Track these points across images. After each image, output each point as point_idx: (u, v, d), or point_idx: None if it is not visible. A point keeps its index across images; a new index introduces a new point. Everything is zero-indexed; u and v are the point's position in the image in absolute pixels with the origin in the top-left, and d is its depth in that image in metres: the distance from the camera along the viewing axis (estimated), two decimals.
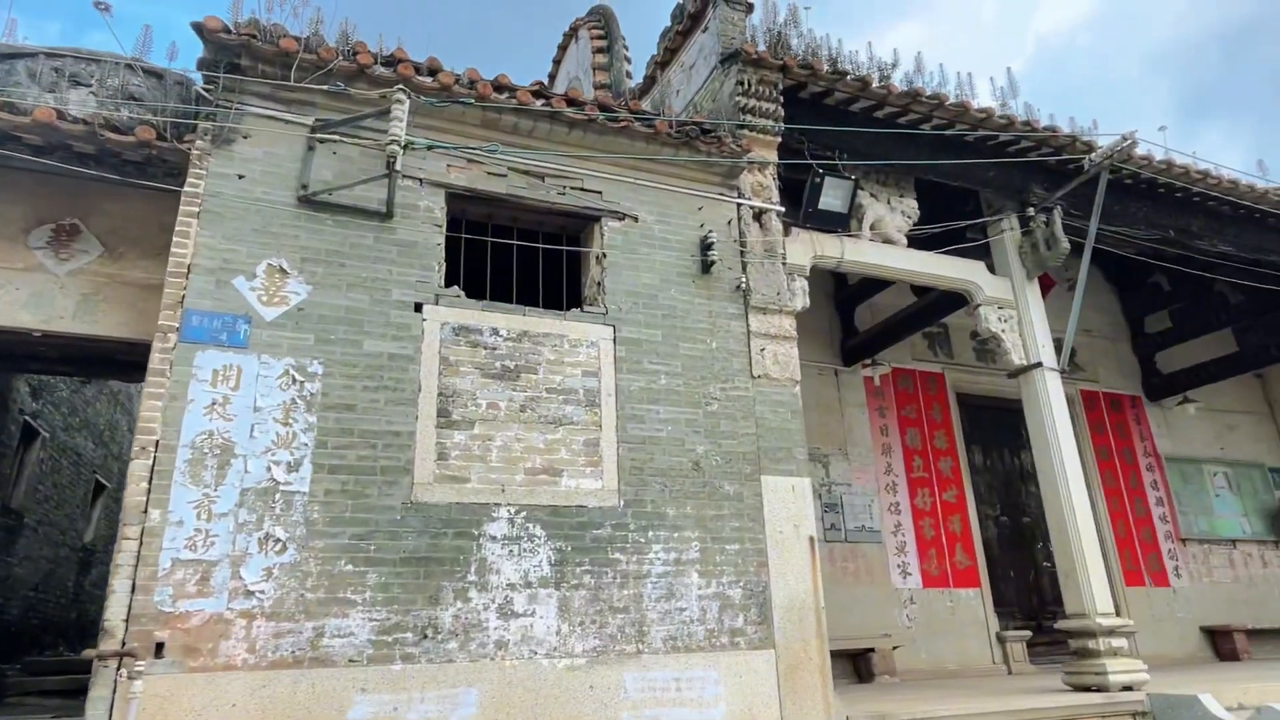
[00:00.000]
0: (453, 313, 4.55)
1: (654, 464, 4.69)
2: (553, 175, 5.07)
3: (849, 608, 8.09)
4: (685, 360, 5.01)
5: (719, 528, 4.71)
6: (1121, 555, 9.79)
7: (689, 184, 5.44)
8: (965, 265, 6.71)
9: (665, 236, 5.27)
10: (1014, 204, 7.03)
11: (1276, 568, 10.80)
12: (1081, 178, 6.65)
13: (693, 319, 5.13)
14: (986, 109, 6.45)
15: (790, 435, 5.11)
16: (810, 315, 9.21)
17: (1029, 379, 6.59)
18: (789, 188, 6.28)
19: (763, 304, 5.35)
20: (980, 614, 8.74)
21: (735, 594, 4.61)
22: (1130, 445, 10.54)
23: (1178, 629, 9.74)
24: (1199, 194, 7.56)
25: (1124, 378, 10.96)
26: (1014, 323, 6.68)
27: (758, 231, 5.60)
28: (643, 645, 4.31)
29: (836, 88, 6.07)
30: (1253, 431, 11.58)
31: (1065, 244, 6.58)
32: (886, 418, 9.12)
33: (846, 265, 6.25)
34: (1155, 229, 7.71)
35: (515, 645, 4.07)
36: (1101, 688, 5.61)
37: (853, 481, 8.65)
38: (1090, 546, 6.08)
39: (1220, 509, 10.76)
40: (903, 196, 6.69)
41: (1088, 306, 11.26)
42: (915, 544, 8.66)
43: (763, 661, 4.52)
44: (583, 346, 4.78)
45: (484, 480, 4.30)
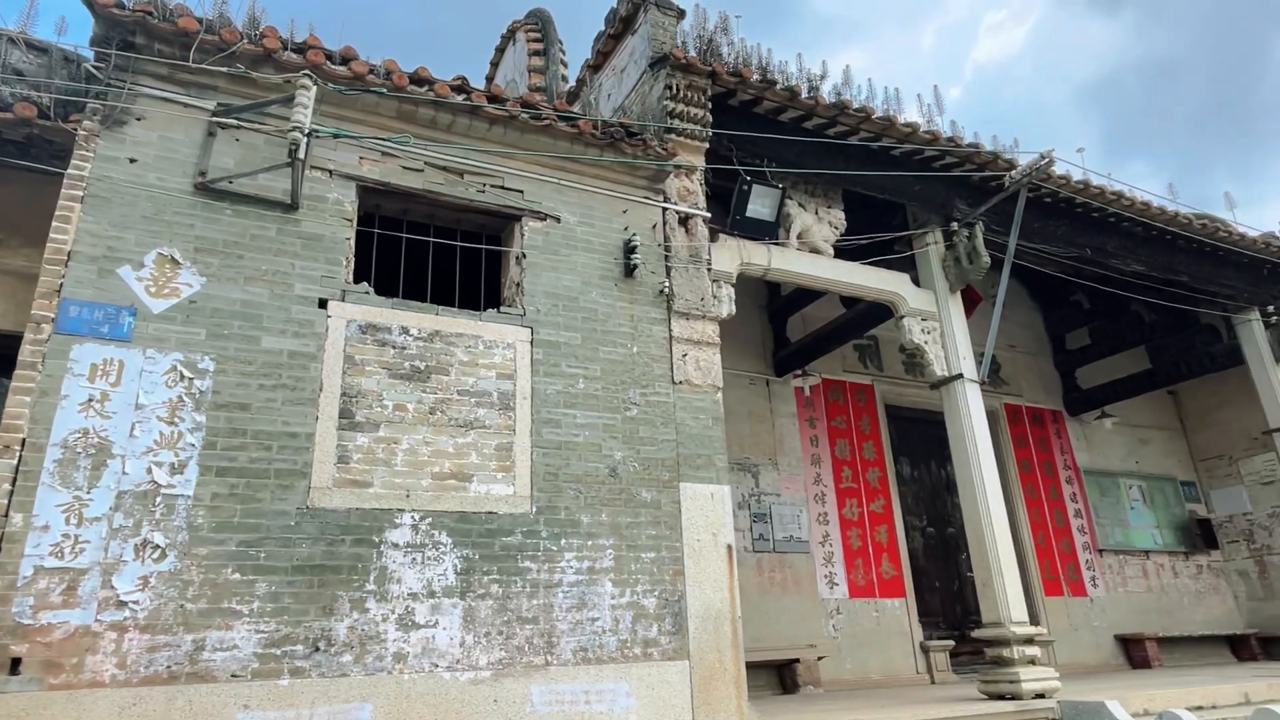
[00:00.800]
0: (360, 310, 4.37)
1: (569, 470, 4.57)
2: (473, 172, 4.94)
3: (776, 618, 8.08)
4: (605, 364, 4.91)
5: (635, 536, 4.60)
6: (1041, 565, 10.02)
7: (614, 186, 5.37)
8: (891, 277, 6.78)
9: (588, 238, 5.17)
10: (939, 218, 7.16)
11: (1186, 578, 11.20)
12: (1002, 194, 6.80)
13: (614, 323, 5.04)
14: (912, 124, 6.55)
15: (711, 442, 5.05)
16: (742, 325, 9.26)
17: (950, 390, 6.68)
18: (718, 194, 6.26)
19: (686, 309, 5.30)
20: (905, 624, 8.81)
21: (650, 603, 4.50)
22: (1051, 458, 10.83)
23: (1093, 637, 10.00)
24: (1114, 215, 7.82)
25: (1046, 392, 11.27)
26: (937, 335, 6.78)
27: (683, 236, 5.55)
28: (551, 657, 4.17)
29: (765, 96, 6.08)
30: (1165, 446, 12.02)
31: (986, 258, 6.71)
32: (817, 428, 9.17)
33: (773, 273, 6.25)
34: (1073, 247, 7.94)
35: (415, 658, 3.89)
36: (1015, 696, 5.67)
37: (782, 491, 8.65)
38: (1007, 557, 6.17)
39: (1135, 521, 11.12)
40: (830, 207, 6.73)
41: (1013, 323, 11.59)
42: (843, 554, 8.70)
43: (676, 673, 4.42)
44: (498, 348, 4.63)
45: (388, 485, 4.11)
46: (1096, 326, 11.14)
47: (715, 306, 5.77)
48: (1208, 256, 8.73)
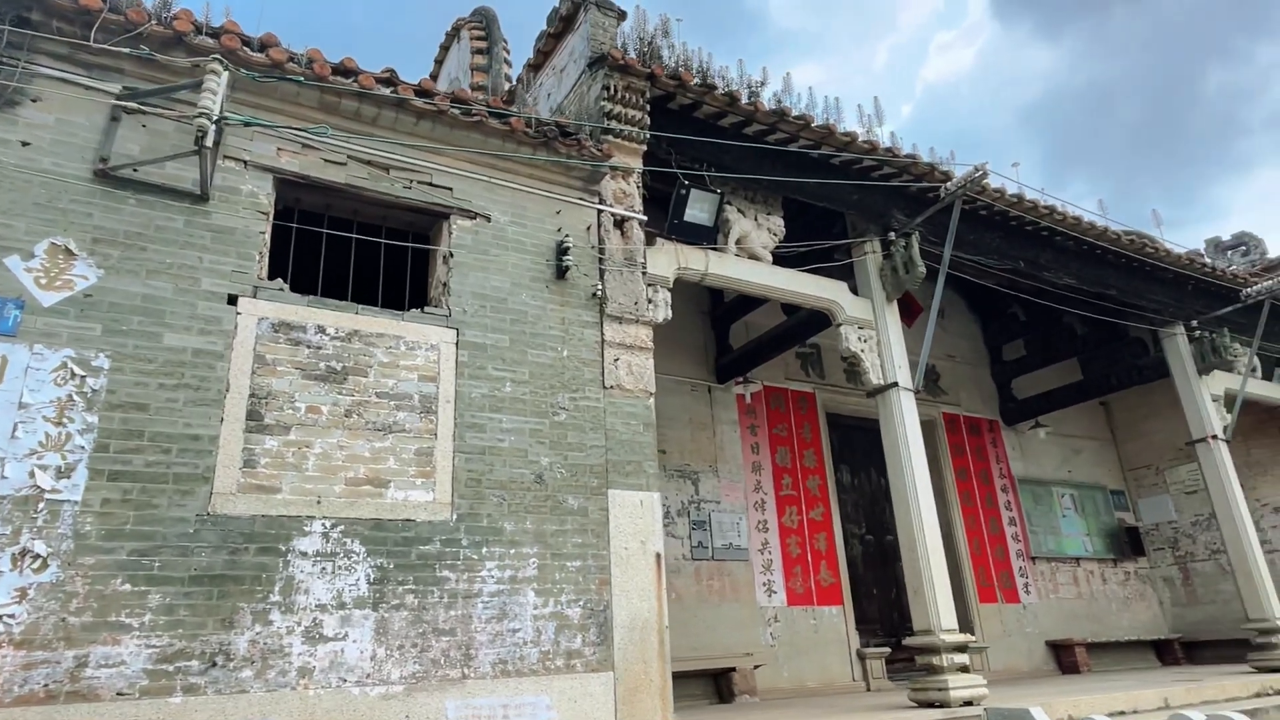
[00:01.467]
0: (273, 307, 4.17)
1: (493, 475, 4.43)
2: (399, 167, 4.78)
3: (713, 626, 8.02)
4: (533, 367, 4.79)
5: (560, 544, 4.48)
6: (976, 573, 10.17)
7: (547, 186, 5.26)
8: (829, 285, 6.80)
9: (519, 239, 5.05)
10: (877, 228, 7.21)
11: (1114, 585, 11.50)
12: (938, 205, 6.87)
13: (544, 325, 4.92)
14: (851, 133, 6.59)
15: (642, 448, 4.96)
16: (685, 332, 9.22)
17: (885, 398, 6.72)
18: (656, 198, 6.20)
19: (619, 313, 5.21)
20: (842, 632, 8.84)
21: (574, 613, 4.38)
22: (987, 467, 11.02)
23: (1026, 643, 10.18)
24: (1046, 228, 7.98)
25: (983, 402, 11.47)
26: (873, 343, 6.81)
27: (618, 239, 5.46)
28: (469, 670, 4.02)
29: (705, 101, 6.04)
30: (1096, 456, 12.35)
31: (922, 268, 6.78)
32: (758, 435, 9.16)
33: (711, 279, 6.20)
34: (1007, 259, 8.08)
35: (322, 672, 3.70)
36: (943, 703, 5.69)
37: (722, 499, 8.61)
38: (938, 564, 6.21)
39: (1067, 529, 11.38)
40: (770, 214, 6.73)
41: (953, 334, 11.79)
42: (781, 562, 8.70)
43: (600, 684, 4.30)
44: (421, 349, 4.48)
45: (297, 491, 3.92)
46: (1032, 338, 11.40)
47: (650, 311, 5.70)
48: (1136, 272, 8.98)
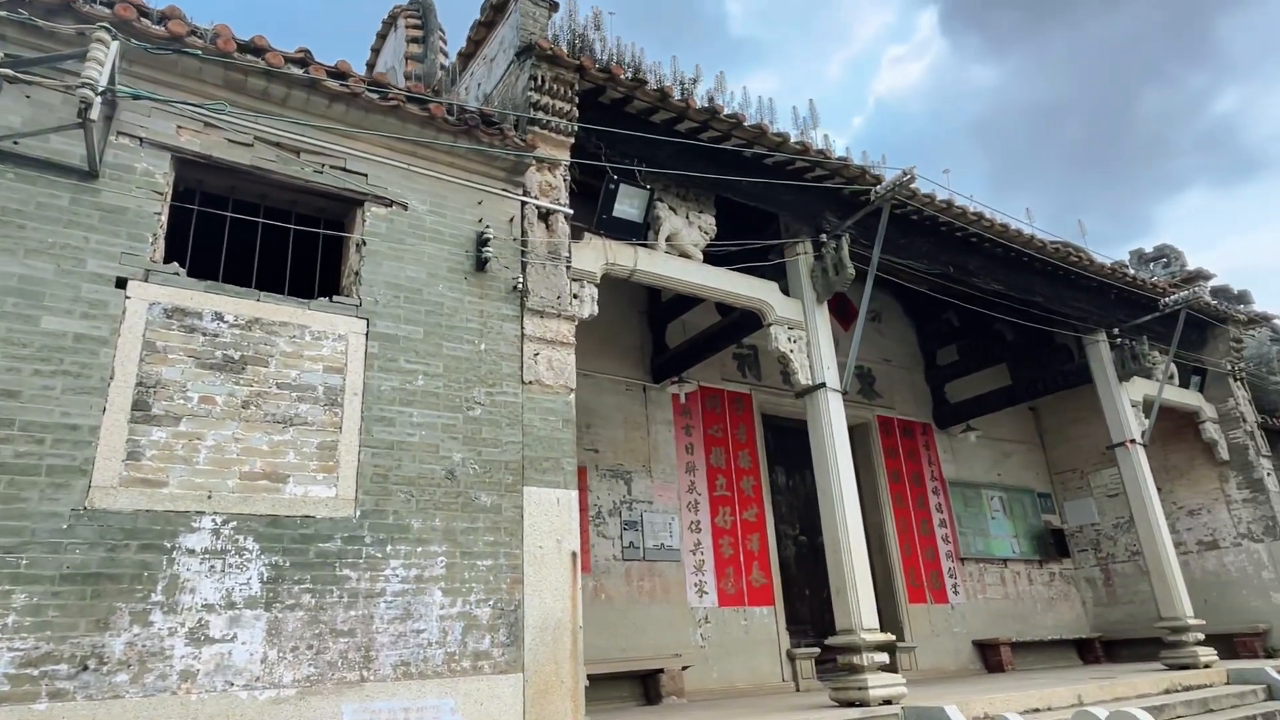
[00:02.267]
0: (166, 292, 3.96)
1: (401, 471, 4.28)
2: (311, 151, 4.60)
3: (643, 627, 7.96)
4: (449, 361, 4.66)
5: (471, 542, 4.36)
6: (907, 573, 10.31)
7: (469, 176, 5.13)
8: (759, 285, 6.80)
9: (438, 228, 4.91)
10: (809, 229, 7.24)
11: (1040, 585, 11.78)
12: (868, 208, 6.93)
13: (461, 318, 4.79)
14: (783, 134, 6.60)
15: (560, 445, 4.87)
16: (622, 330, 9.15)
17: (813, 399, 6.74)
18: (586, 193, 6.12)
19: (540, 307, 5.10)
20: (773, 632, 8.86)
21: (483, 613, 4.26)
22: (920, 469, 11.19)
23: (953, 643, 10.35)
24: (975, 235, 8.13)
25: (917, 405, 11.66)
26: (803, 344, 6.83)
27: (543, 232, 5.36)
28: (368, 672, 3.87)
29: (636, 96, 5.99)
30: (1025, 459, 12.65)
31: (851, 270, 6.82)
32: (693, 436, 9.14)
33: (639, 275, 6.14)
34: (937, 264, 8.21)
35: (207, 676, 3.51)
36: (863, 702, 5.72)
37: (655, 499, 8.56)
38: (861, 565, 6.24)
39: (995, 530, 11.63)
40: (702, 212, 6.70)
41: (889, 338, 11.96)
42: (714, 563, 8.68)
43: (508, 686, 4.19)
44: (328, 340, 4.31)
45: (186, 485, 3.72)
46: (964, 344, 11.63)
47: (576, 306, 5.61)
48: (1061, 280, 9.22)
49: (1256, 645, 9.93)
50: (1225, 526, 10.73)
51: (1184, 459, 11.23)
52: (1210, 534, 10.87)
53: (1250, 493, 10.53)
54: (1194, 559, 10.99)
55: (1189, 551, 11.06)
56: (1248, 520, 10.51)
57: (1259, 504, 10.43)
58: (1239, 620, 10.31)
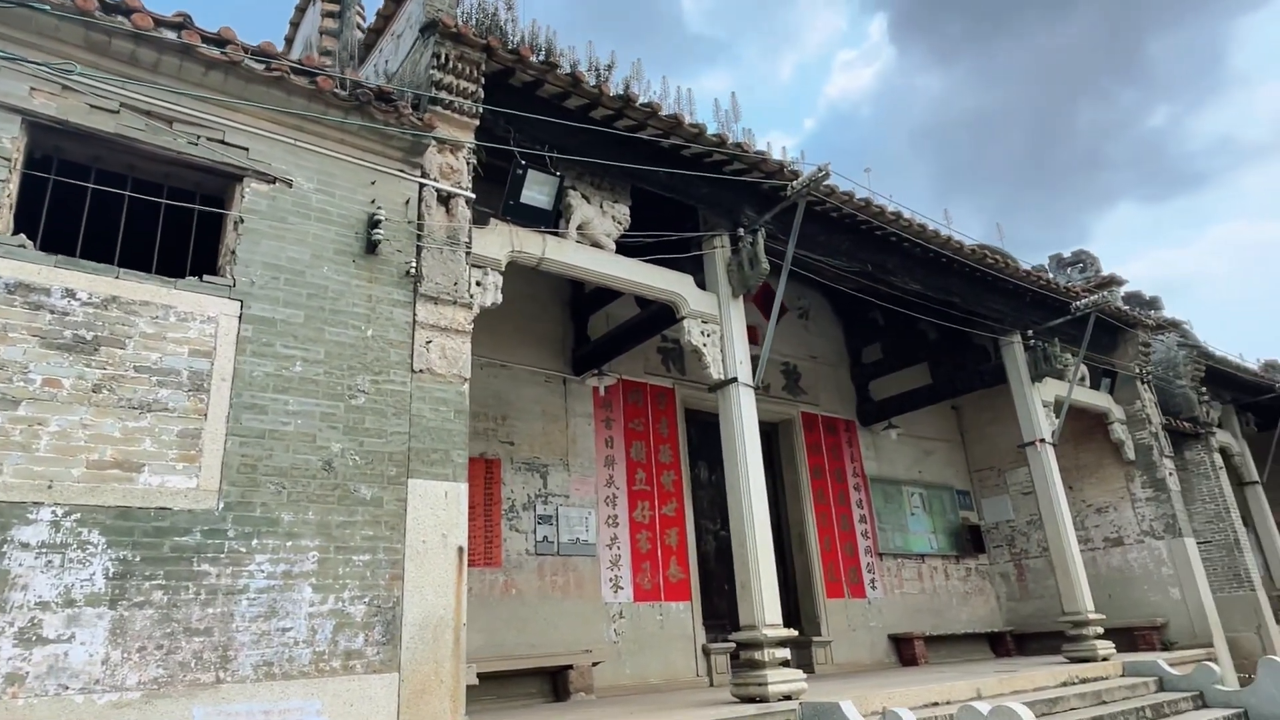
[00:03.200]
0: (10, 265, 3.67)
1: (272, 461, 4.07)
2: (185, 120, 4.33)
3: (555, 623, 7.84)
4: (331, 347, 4.45)
5: (348, 536, 4.17)
6: (825, 569, 10.40)
7: (363, 154, 4.91)
8: (674, 277, 6.72)
9: (325, 208, 4.68)
10: (727, 223, 7.19)
11: (956, 580, 12.04)
12: (784, 203, 6.91)
13: (347, 302, 4.58)
14: (699, 125, 6.52)
15: (451, 436, 4.70)
16: (542, 321, 8.99)
17: (725, 393, 6.70)
18: (494, 177, 5.94)
19: (435, 293, 4.92)
20: (689, 627, 8.83)
21: (358, 611, 4.08)
22: (842, 466, 11.30)
23: (869, 637, 10.49)
24: (894, 234, 8.19)
25: (842, 402, 11.77)
26: (716, 338, 6.78)
27: (443, 216, 5.17)
28: (226, 673, 3.66)
29: (547, 80, 5.83)
30: (946, 457, 12.90)
31: (765, 264, 6.80)
32: (613, 429, 9.04)
33: (548, 264, 5.99)
34: (856, 261, 8.26)
35: (38, 679, 3.27)
36: (762, 698, 5.70)
37: (571, 493, 8.44)
38: (766, 560, 6.22)
39: (914, 526, 11.83)
40: (616, 202, 6.59)
41: (816, 335, 12.04)
42: (630, 557, 8.60)
43: (382, 687, 4.02)
44: (195, 321, 4.07)
45: (24, 474, 3.46)
46: (889, 342, 11.78)
47: (479, 294, 5.44)
48: (979, 281, 9.38)
49: (1154, 638, 10.31)
50: (1130, 524, 11.11)
51: (1093, 458, 11.59)
52: (1116, 531, 11.25)
53: (1153, 491, 10.92)
54: (1100, 555, 11.36)
55: (1095, 548, 11.42)
56: (1150, 518, 10.89)
57: (1161, 503, 10.82)
58: (1140, 614, 10.68)
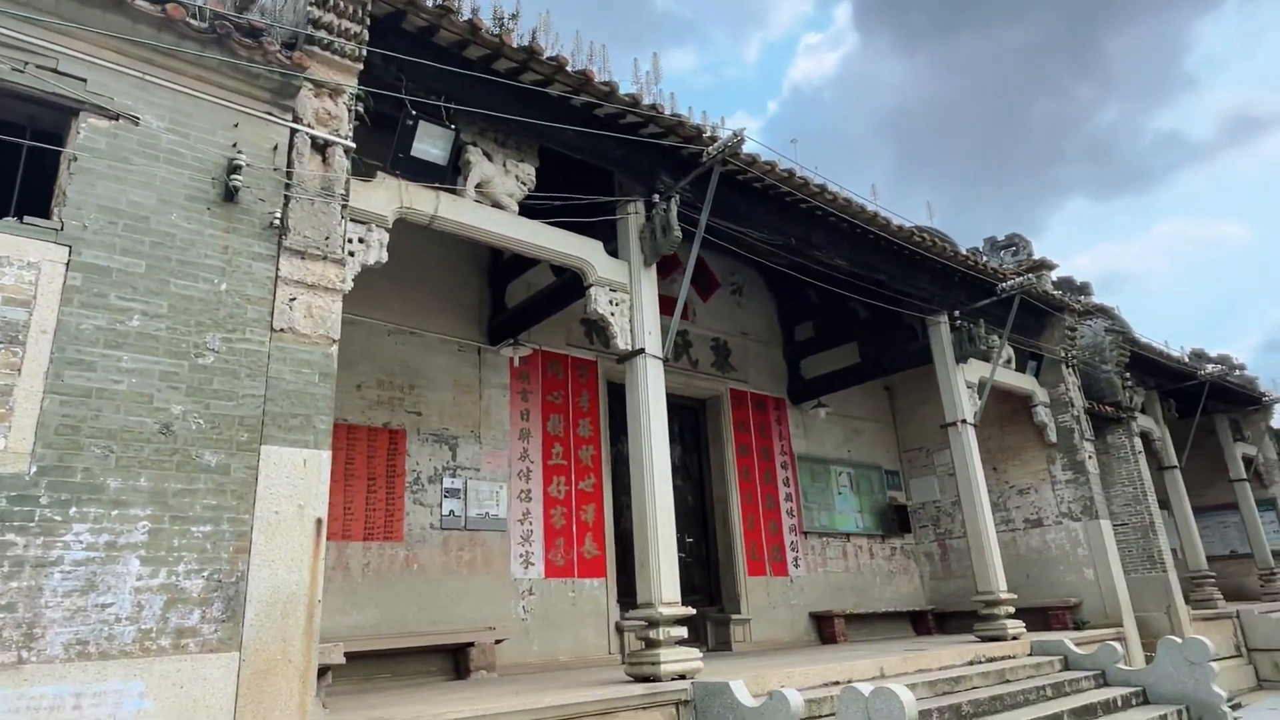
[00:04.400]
0: None
1: (100, 423, 3.72)
2: (8, 45, 3.90)
3: (460, 599, 7.59)
4: (177, 300, 4.09)
5: (186, 505, 3.85)
6: (748, 546, 10.31)
7: (224, 94, 4.52)
8: (581, 243, 6.44)
9: (177, 149, 4.30)
10: (643, 189, 6.93)
11: (881, 559, 12.09)
12: (700, 169, 6.67)
13: (198, 252, 4.22)
14: (611, 83, 6.22)
15: (314, 401, 4.39)
16: (457, 288, 8.64)
17: (632, 365, 6.48)
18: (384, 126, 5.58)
19: (302, 247, 4.57)
20: (603, 604, 8.66)
21: (194, 585, 3.77)
22: (770, 444, 11.21)
23: (790, 615, 10.47)
24: (819, 208, 8.01)
25: (773, 380, 11.66)
26: (625, 307, 6.54)
27: (318, 165, 4.81)
28: (30, 653, 3.33)
29: (443, 26, 5.46)
30: (877, 437, 12.92)
31: (678, 233, 6.55)
32: (529, 402, 8.77)
33: (441, 223, 5.67)
34: (780, 235, 8.06)
35: None
36: (655, 677, 5.54)
37: (482, 466, 8.16)
38: (666, 537, 6.04)
39: (841, 505, 11.82)
40: (522, 161, 6.27)
41: (749, 311, 11.88)
42: (543, 533, 8.38)
43: (219, 667, 3.73)
44: (11, 267, 3.68)
45: None
46: (821, 320, 11.69)
47: (361, 251, 5.12)
48: (906, 260, 9.27)
49: (1067, 618, 10.47)
50: (1049, 505, 11.24)
51: (1018, 440, 11.69)
52: (1036, 512, 11.38)
53: (1073, 474, 11.05)
54: (1020, 536, 11.49)
55: (1016, 529, 11.55)
56: (1069, 500, 11.03)
57: (1079, 485, 10.95)
58: (1055, 594, 10.84)
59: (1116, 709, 7.23)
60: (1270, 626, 12.48)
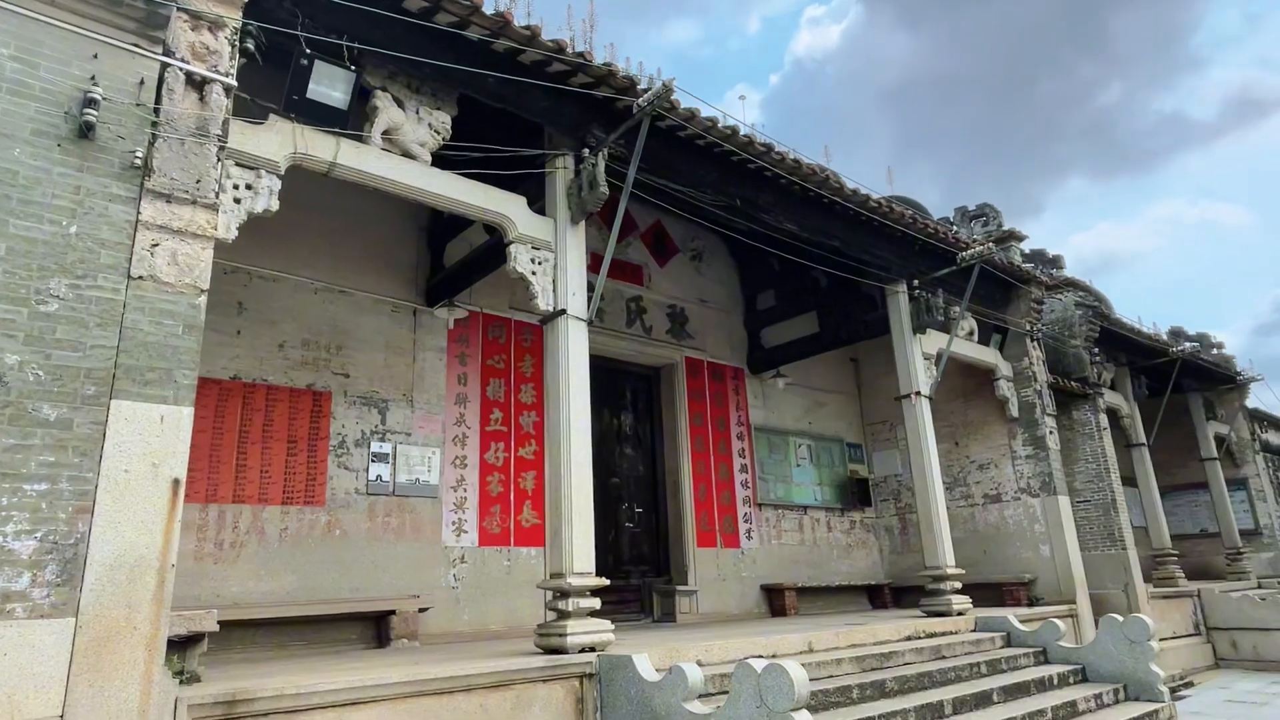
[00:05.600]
0: None
1: None
2: None
3: (385, 566, 7.39)
4: (17, 243, 3.79)
5: (19, 463, 3.58)
6: (698, 517, 10.13)
7: (83, 21, 4.17)
8: (501, 197, 6.13)
9: (23, 79, 3.97)
10: (574, 143, 6.60)
11: (839, 532, 11.93)
12: (629, 122, 6.33)
13: (44, 191, 3.91)
14: (533, 28, 5.85)
15: (177, 355, 4.11)
16: (392, 246, 8.32)
17: (554, 327, 6.20)
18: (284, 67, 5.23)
19: (168, 190, 4.26)
20: (539, 573, 8.45)
21: (25, 547, 3.53)
22: (726, 414, 10.98)
23: (740, 587, 10.31)
24: (767, 169, 7.69)
25: (732, 349, 11.40)
26: (549, 266, 6.24)
27: (193, 104, 4.48)
28: None
29: None
30: (840, 409, 12.69)
31: (603, 188, 6.24)
32: (468, 366, 8.50)
33: (342, 171, 5.35)
34: (724, 195, 7.74)
35: None
36: (562, 649, 5.35)
37: (414, 431, 7.92)
38: (582, 504, 5.81)
39: (799, 478, 11.63)
40: (438, 109, 5.93)
41: (710, 279, 11.58)
42: (479, 500, 8.16)
43: (51, 634, 3.50)
44: None
45: None
46: (782, 289, 11.40)
47: (248, 198, 4.82)
48: (863, 226, 8.96)
49: (1021, 594, 10.33)
50: (1009, 481, 11.06)
51: (980, 415, 11.48)
52: (996, 488, 11.20)
53: (1033, 449, 10.85)
54: (980, 511, 11.33)
55: (976, 504, 11.38)
56: (1029, 475, 10.85)
57: (1039, 460, 10.76)
58: (1011, 570, 10.70)
59: (1052, 687, 7.09)
60: (1230, 605, 12.40)
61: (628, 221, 10.66)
